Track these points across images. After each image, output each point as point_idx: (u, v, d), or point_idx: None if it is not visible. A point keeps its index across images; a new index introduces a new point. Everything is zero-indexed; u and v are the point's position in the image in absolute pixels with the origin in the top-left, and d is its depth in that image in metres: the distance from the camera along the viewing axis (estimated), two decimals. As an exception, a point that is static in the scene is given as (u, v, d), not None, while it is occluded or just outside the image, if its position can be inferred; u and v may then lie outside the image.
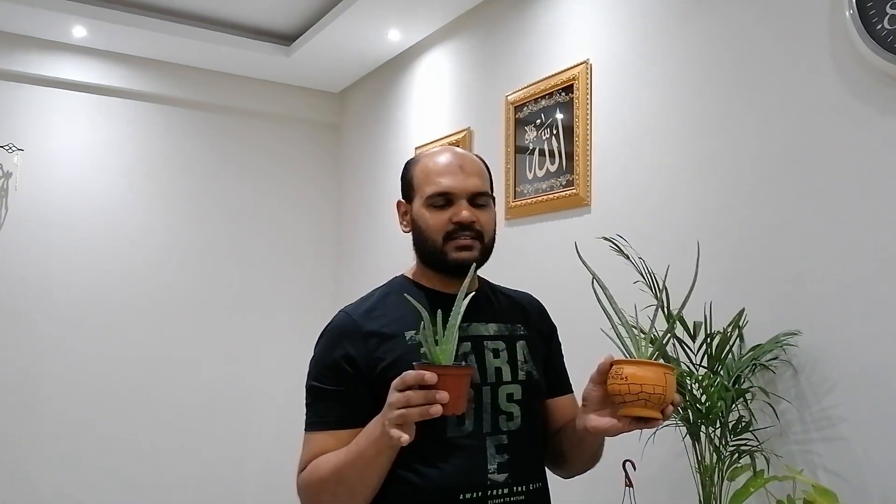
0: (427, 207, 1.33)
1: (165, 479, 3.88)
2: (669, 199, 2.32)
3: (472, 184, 1.33)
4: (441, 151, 1.37)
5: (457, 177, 1.31)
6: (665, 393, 1.10)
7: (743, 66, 2.11)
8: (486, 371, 1.30)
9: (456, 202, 1.31)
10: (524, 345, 1.37)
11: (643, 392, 1.09)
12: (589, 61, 2.66)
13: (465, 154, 1.38)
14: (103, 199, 3.90)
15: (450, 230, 1.30)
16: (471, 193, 1.32)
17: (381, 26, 3.59)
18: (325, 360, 1.30)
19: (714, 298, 1.96)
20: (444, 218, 1.30)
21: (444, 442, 1.24)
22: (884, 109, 1.77)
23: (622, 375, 1.11)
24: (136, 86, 3.98)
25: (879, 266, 1.75)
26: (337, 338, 1.31)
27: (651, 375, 1.10)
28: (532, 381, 1.35)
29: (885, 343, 1.72)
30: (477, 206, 1.33)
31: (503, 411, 1.29)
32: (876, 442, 1.73)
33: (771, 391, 1.92)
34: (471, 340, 1.31)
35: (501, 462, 1.26)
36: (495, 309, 1.40)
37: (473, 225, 1.30)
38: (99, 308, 3.85)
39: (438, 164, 1.34)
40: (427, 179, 1.34)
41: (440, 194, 1.31)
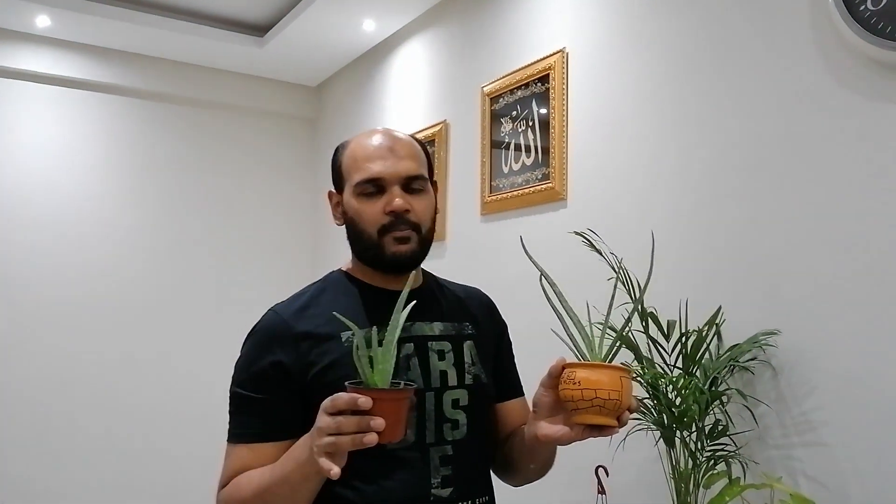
0: (357, 197, 1.21)
1: (136, 479, 3.77)
2: (647, 194, 2.23)
3: (405, 167, 1.20)
4: (369, 134, 1.25)
5: (387, 161, 1.19)
6: (620, 398, 1.00)
7: (722, 53, 2.02)
8: (429, 375, 1.19)
9: (388, 189, 1.19)
10: (472, 345, 1.27)
11: (597, 398, 0.99)
12: (565, 50, 2.57)
13: (396, 135, 1.25)
14: (70, 195, 3.79)
15: (385, 223, 1.18)
16: (403, 178, 1.20)
17: (355, 16, 3.50)
18: (251, 365, 1.18)
19: (690, 296, 1.87)
20: (377, 208, 1.18)
21: (385, 455, 1.13)
22: (870, 96, 1.68)
23: (574, 380, 1.01)
24: (103, 78, 3.86)
25: (863, 263, 1.65)
26: (265, 341, 1.19)
27: (605, 379, 1.00)
28: (480, 386, 1.25)
29: (868, 343, 1.63)
30: (412, 191, 1.21)
31: (448, 419, 1.19)
32: (859, 447, 1.64)
33: (749, 393, 1.82)
34: (413, 341, 1.21)
35: (446, 475, 1.16)
36: (442, 306, 1.29)
37: (407, 215, 1.18)
38: (67, 305, 3.73)
39: (367, 149, 1.22)
40: (355, 165, 1.21)
41: (369, 181, 1.19)
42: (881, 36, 1.58)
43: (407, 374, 1.17)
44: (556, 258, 2.10)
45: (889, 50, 1.58)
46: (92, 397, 3.73)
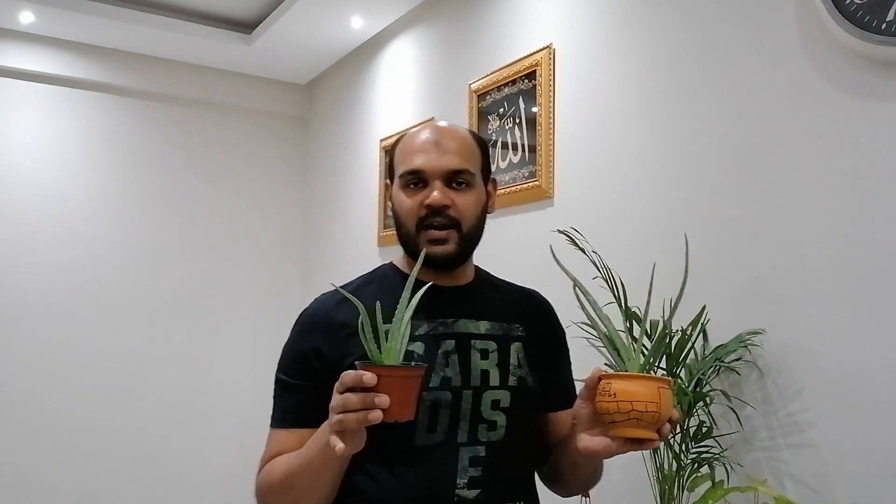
0: (402, 189, 1.19)
1: (123, 483, 3.73)
2: (633, 191, 2.21)
3: (447, 162, 1.17)
4: (422, 128, 1.23)
5: (430, 154, 1.17)
6: (659, 410, 0.95)
7: (708, 49, 1.99)
8: (469, 373, 1.15)
9: (430, 183, 1.16)
10: (520, 347, 1.21)
11: (634, 410, 0.95)
12: (552, 46, 2.54)
13: (447, 129, 1.22)
14: (54, 194, 3.74)
15: (422, 215, 1.15)
16: (445, 172, 1.16)
17: (343, 13, 3.46)
18: (293, 350, 1.20)
19: (674, 294, 1.83)
20: (417, 201, 1.16)
21: (411, 449, 1.10)
22: (857, 93, 1.64)
23: (610, 392, 0.97)
24: (88, 75, 3.82)
25: (850, 261, 1.62)
26: (306, 328, 1.21)
27: (642, 391, 0.95)
28: (524, 389, 1.19)
29: (855, 342, 1.60)
30: (455, 187, 1.17)
31: (485, 420, 1.14)
32: (846, 449, 1.61)
33: (735, 394, 1.79)
34: (455, 338, 1.17)
35: (475, 476, 1.11)
36: (491, 305, 1.24)
37: (447, 210, 1.15)
38: (49, 307, 3.69)
39: (414, 141, 1.20)
40: (402, 157, 1.21)
41: (411, 173, 1.17)
42: (867, 30, 1.55)
43: (444, 370, 1.13)
44: (542, 257, 2.07)
45: (875, 44, 1.55)
46: (75, 395, 3.69)
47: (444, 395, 1.12)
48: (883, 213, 1.57)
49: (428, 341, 1.14)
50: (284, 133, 4.44)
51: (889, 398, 1.53)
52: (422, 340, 1.14)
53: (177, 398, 3.92)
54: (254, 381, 4.05)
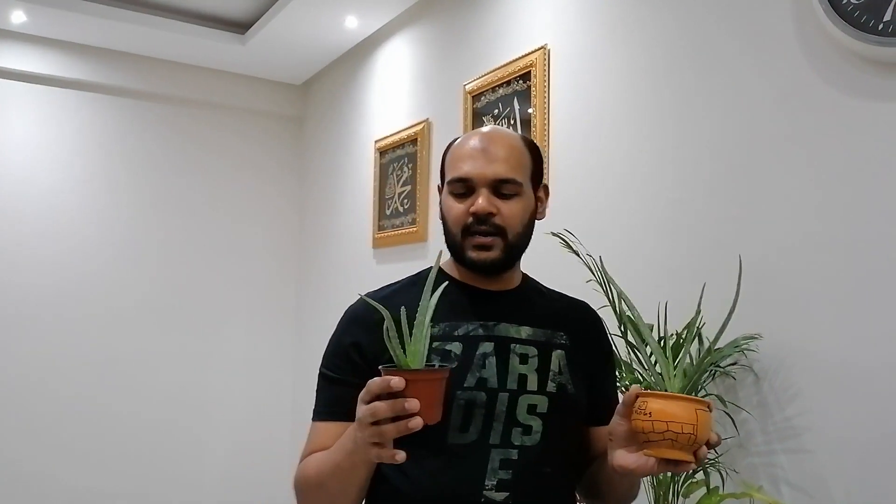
0: (450, 195, 1.20)
1: (118, 489, 3.69)
2: (627, 192, 2.19)
3: (494, 170, 1.16)
4: (472, 133, 1.23)
5: (477, 162, 1.16)
6: (696, 433, 0.94)
7: (704, 49, 1.97)
8: (506, 376, 1.14)
9: (477, 190, 1.16)
10: (562, 355, 1.20)
11: (669, 431, 0.94)
12: (546, 47, 2.52)
13: (497, 135, 1.21)
14: (46, 196, 3.72)
15: (468, 223, 1.16)
16: (492, 181, 1.16)
17: (337, 13, 3.44)
18: (335, 346, 1.21)
19: (669, 298, 1.81)
20: (463, 208, 1.17)
21: (443, 448, 1.11)
22: (853, 93, 1.63)
23: (646, 411, 0.96)
24: (81, 75, 3.79)
25: (846, 263, 1.60)
26: (349, 324, 1.22)
27: (679, 412, 0.94)
28: (564, 396, 1.17)
29: (852, 346, 1.58)
30: (502, 195, 1.16)
31: (520, 423, 1.13)
32: (843, 454, 1.59)
33: (731, 399, 1.77)
34: (494, 341, 1.16)
35: (504, 479, 1.10)
36: (535, 311, 1.24)
37: (492, 218, 1.15)
38: (43, 309, 3.66)
39: (463, 147, 1.20)
40: (451, 163, 1.21)
41: (458, 180, 1.18)
42: (864, 30, 1.53)
43: (480, 372, 1.13)
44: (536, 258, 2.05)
45: (872, 44, 1.53)
46: (67, 398, 3.66)
47: (479, 395, 1.12)
48: (880, 214, 1.55)
49: (466, 342, 1.15)
50: (279, 133, 4.42)
51: (886, 402, 1.51)
52: (460, 341, 1.15)
53: (171, 400, 3.90)
54: (249, 381, 4.04)
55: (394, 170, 3.45)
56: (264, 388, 4.08)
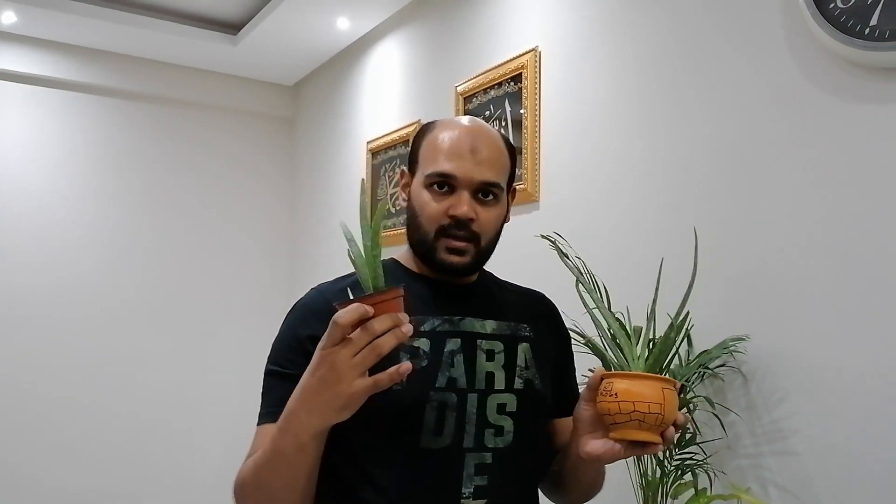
0: (426, 188, 1.11)
1: (108, 490, 3.68)
2: (618, 194, 2.19)
3: (481, 174, 1.09)
4: (456, 125, 1.15)
5: (465, 162, 1.09)
6: (663, 412, 0.92)
7: (694, 53, 1.98)
8: (474, 376, 1.09)
9: (458, 191, 1.09)
10: (528, 348, 1.15)
11: (636, 412, 0.92)
12: (538, 49, 2.53)
13: (483, 132, 1.14)
14: (36, 196, 3.70)
15: (444, 224, 1.09)
16: (477, 184, 1.10)
17: (329, 14, 3.44)
18: (287, 339, 1.11)
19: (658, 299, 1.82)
20: (442, 207, 1.09)
21: (415, 453, 1.04)
22: (841, 97, 1.64)
23: (612, 392, 0.94)
24: (71, 76, 3.78)
25: (834, 265, 1.61)
26: (303, 316, 1.11)
27: (646, 391, 0.92)
28: (532, 392, 1.13)
29: (840, 348, 1.59)
30: (482, 200, 1.11)
31: (491, 424, 1.08)
32: (830, 456, 1.59)
33: (720, 401, 1.78)
34: (461, 337, 1.10)
35: (480, 486, 1.04)
36: (497, 304, 1.19)
37: (470, 224, 1.09)
38: (35, 310, 3.64)
39: (447, 141, 1.11)
40: (431, 155, 1.12)
41: (441, 175, 1.10)
42: (851, 35, 1.54)
43: (450, 371, 1.07)
44: (528, 260, 2.06)
45: (859, 49, 1.54)
46: (59, 398, 3.64)
47: (450, 396, 1.06)
48: (869, 217, 1.56)
49: (434, 338, 1.09)
50: (271, 134, 4.41)
51: (873, 405, 1.52)
52: (427, 337, 1.08)
53: (163, 400, 3.88)
54: (241, 382, 4.01)
55: (386, 171, 3.45)
56: (257, 389, 4.01)
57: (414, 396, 1.04)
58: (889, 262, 1.52)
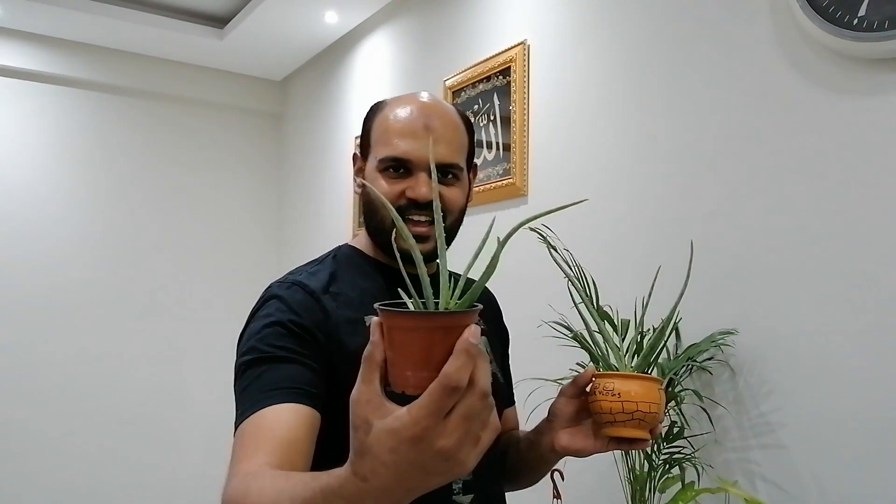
0: (380, 172, 1.04)
1: (90, 489, 3.64)
2: (607, 188, 2.18)
3: (437, 154, 1.02)
4: (407, 101, 1.05)
5: (419, 141, 1.01)
6: (659, 411, 0.95)
7: (682, 46, 1.97)
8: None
9: (415, 172, 1.02)
10: (485, 342, 1.10)
11: (638, 411, 0.93)
12: (526, 42, 2.51)
13: (437, 108, 1.05)
14: (21, 191, 3.66)
15: (402, 205, 1.01)
16: (438, 164, 1.03)
17: (317, 7, 3.42)
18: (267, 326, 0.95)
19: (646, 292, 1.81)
20: (398, 189, 1.02)
21: None
22: (830, 89, 1.63)
23: (613, 391, 0.94)
24: (57, 69, 3.74)
25: (822, 258, 1.61)
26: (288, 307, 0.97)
27: (644, 391, 0.94)
28: (496, 385, 1.11)
29: (827, 342, 1.58)
30: (442, 179, 1.04)
31: None
32: (817, 450, 1.59)
33: (708, 394, 1.77)
34: None
35: (467, 481, 1.04)
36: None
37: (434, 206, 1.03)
38: (21, 306, 3.60)
39: (400, 120, 1.03)
40: (383, 136, 1.04)
41: (394, 160, 1.02)
42: (839, 25, 1.53)
43: None
44: (516, 255, 2.04)
45: (848, 40, 1.53)
46: (39, 397, 3.60)
47: None
48: (857, 209, 1.56)
49: None
50: (258, 129, 4.38)
51: (860, 398, 1.52)
52: None
53: (148, 397, 3.85)
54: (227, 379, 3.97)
55: (374, 166, 3.43)
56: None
57: None
58: (877, 255, 1.51)
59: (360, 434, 0.56)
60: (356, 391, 0.58)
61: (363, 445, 0.56)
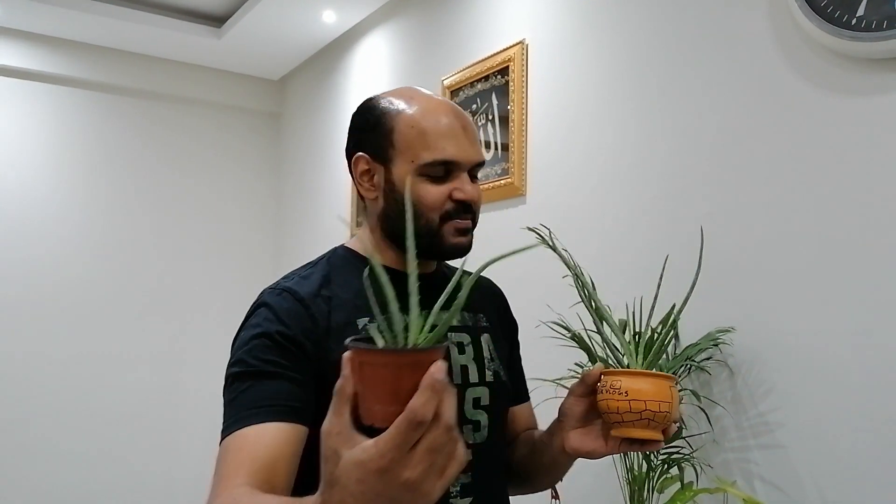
0: (420, 177, 1.01)
1: (86, 491, 3.64)
2: (605, 188, 2.18)
3: (476, 153, 1.05)
4: (435, 105, 1.04)
5: (461, 143, 1.02)
6: (671, 410, 0.90)
7: (681, 46, 1.97)
8: (449, 369, 1.00)
9: (456, 174, 1.02)
10: (489, 339, 1.12)
11: (647, 410, 0.89)
12: (525, 41, 2.51)
13: (460, 110, 1.07)
14: (19, 190, 3.65)
15: (449, 209, 1.01)
16: (475, 164, 1.04)
17: (315, 7, 3.41)
18: (256, 337, 0.96)
19: (646, 293, 1.81)
20: (444, 193, 1.01)
21: None
22: (828, 88, 1.63)
23: (620, 390, 0.90)
24: (54, 69, 3.73)
25: (820, 256, 1.61)
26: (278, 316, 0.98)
27: (654, 389, 0.89)
28: (501, 384, 1.10)
29: (825, 342, 1.58)
30: (473, 178, 1.06)
31: (469, 420, 1.04)
32: (815, 449, 1.59)
33: (706, 394, 1.77)
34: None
35: (465, 483, 1.00)
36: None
37: (473, 205, 1.04)
38: (17, 305, 3.59)
39: (439, 124, 1.02)
40: (424, 141, 1.01)
41: (444, 163, 1.01)
42: (838, 25, 1.53)
43: None
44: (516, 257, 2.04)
45: (846, 40, 1.53)
46: (41, 395, 3.60)
47: None
48: (854, 208, 1.56)
49: None
50: (256, 129, 4.38)
51: (858, 398, 1.52)
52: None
53: (148, 396, 3.84)
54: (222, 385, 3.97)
55: (372, 165, 3.42)
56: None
57: None
58: (875, 253, 1.51)
59: (330, 465, 0.58)
60: (327, 422, 0.59)
61: (332, 476, 0.58)
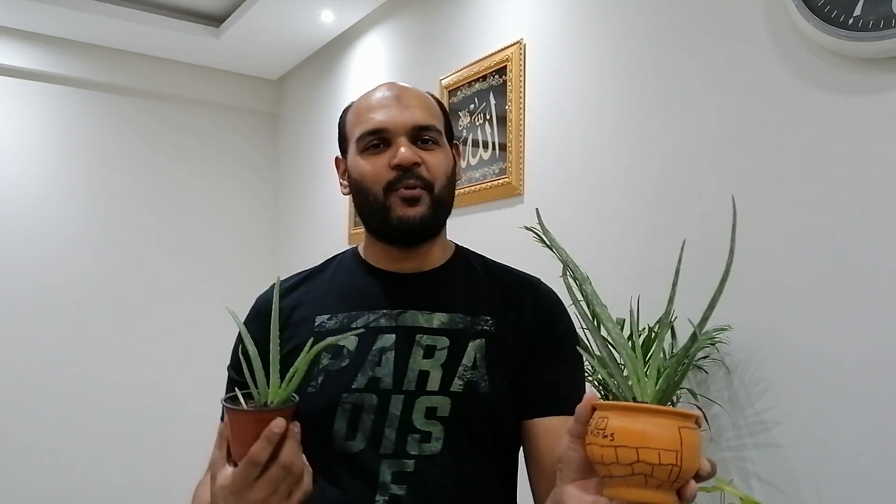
0: (360, 154, 1.03)
1: (85, 491, 3.63)
2: (603, 187, 2.18)
3: (412, 116, 1.02)
4: (376, 88, 1.08)
5: (391, 110, 1.02)
6: (679, 463, 0.62)
7: (679, 45, 1.97)
8: (404, 375, 0.98)
9: (394, 141, 1.01)
10: (481, 345, 1.01)
11: (640, 462, 0.62)
12: (522, 41, 2.51)
13: (404, 85, 1.08)
14: (15, 190, 3.64)
15: (391, 179, 0.99)
16: (410, 128, 1.01)
17: (313, 6, 3.41)
18: (239, 342, 1.04)
19: (643, 291, 1.81)
20: (382, 163, 1.00)
21: (330, 457, 0.98)
22: (825, 88, 1.63)
23: (606, 432, 0.65)
24: (53, 68, 3.72)
25: (817, 255, 1.61)
26: (255, 314, 1.11)
27: (655, 432, 0.63)
28: (473, 396, 0.98)
29: (823, 339, 1.58)
30: (420, 145, 1.02)
31: (416, 430, 0.97)
32: (812, 449, 1.59)
33: (703, 393, 1.77)
34: (397, 332, 1.01)
35: (397, 495, 0.95)
36: (455, 294, 1.05)
37: (417, 169, 0.99)
38: (13, 305, 3.59)
39: (370, 100, 1.05)
40: (357, 119, 1.05)
41: (373, 132, 1.02)
42: (835, 25, 1.54)
43: (374, 370, 0.98)
44: (512, 254, 2.04)
45: (843, 39, 1.53)
46: (37, 395, 3.59)
47: (369, 397, 0.97)
48: (851, 207, 1.56)
49: (363, 334, 1.01)
50: (254, 129, 4.37)
51: (855, 397, 1.52)
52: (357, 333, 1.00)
53: (147, 395, 3.84)
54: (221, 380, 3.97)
55: (369, 165, 3.42)
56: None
57: (324, 400, 0.99)
58: (871, 251, 1.52)
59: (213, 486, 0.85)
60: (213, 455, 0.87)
61: (213, 494, 0.85)
